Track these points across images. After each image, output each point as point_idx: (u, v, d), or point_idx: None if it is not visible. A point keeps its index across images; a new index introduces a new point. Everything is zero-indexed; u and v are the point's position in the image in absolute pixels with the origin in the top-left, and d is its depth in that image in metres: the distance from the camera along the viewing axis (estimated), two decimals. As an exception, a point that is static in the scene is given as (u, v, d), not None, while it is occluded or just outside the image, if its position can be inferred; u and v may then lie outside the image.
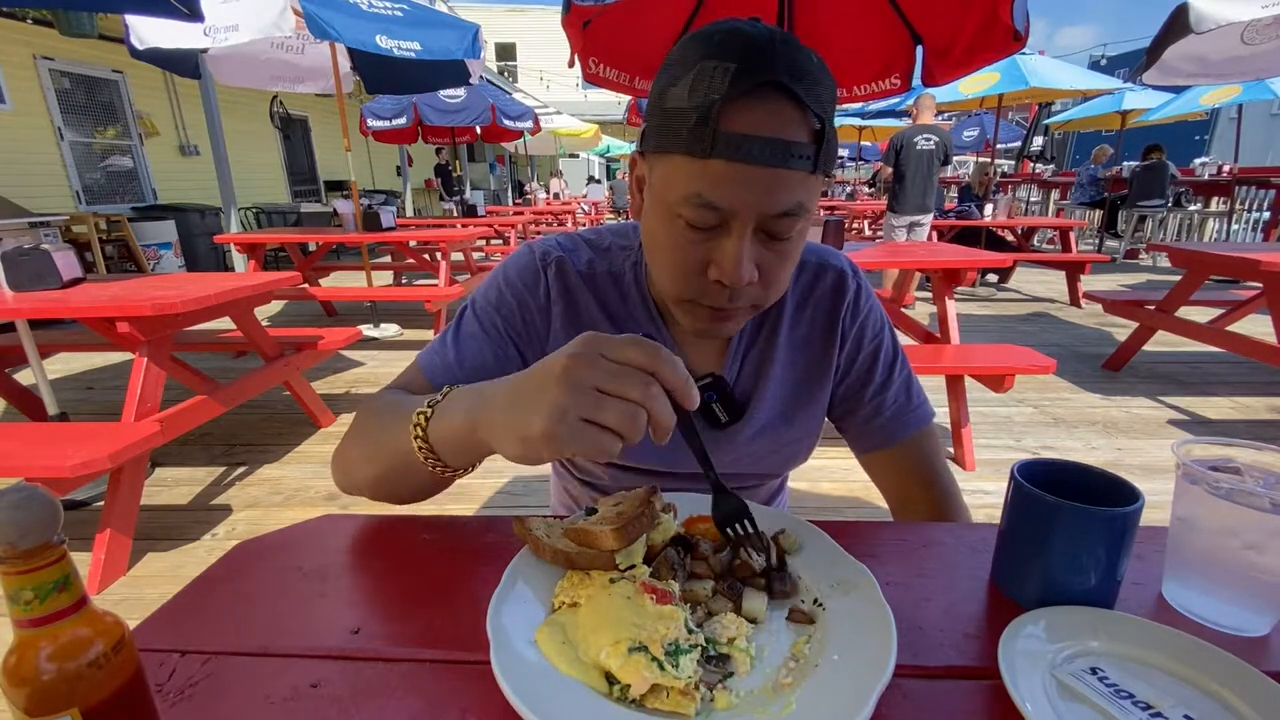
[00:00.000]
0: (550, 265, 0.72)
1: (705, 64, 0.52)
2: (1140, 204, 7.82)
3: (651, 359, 0.43)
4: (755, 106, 0.51)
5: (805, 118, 0.52)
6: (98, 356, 4.07)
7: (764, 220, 0.55)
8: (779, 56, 0.51)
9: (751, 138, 0.51)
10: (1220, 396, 3.28)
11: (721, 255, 0.56)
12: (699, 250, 0.57)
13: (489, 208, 9.31)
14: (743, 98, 0.51)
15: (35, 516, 0.31)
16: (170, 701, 0.45)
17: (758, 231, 0.56)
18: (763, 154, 0.51)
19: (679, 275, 0.59)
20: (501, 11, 20.83)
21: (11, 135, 5.69)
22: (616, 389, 0.42)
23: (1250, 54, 3.94)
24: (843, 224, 2.91)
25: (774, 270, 0.59)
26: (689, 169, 0.54)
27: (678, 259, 0.59)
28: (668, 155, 0.56)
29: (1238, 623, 0.52)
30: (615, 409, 0.42)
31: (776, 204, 0.54)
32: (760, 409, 0.75)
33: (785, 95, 0.51)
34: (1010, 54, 2.49)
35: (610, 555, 0.52)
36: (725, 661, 0.47)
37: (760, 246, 0.57)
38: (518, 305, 0.72)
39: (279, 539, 0.66)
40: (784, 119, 0.52)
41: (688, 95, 0.53)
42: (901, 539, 0.67)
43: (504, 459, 0.51)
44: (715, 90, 0.51)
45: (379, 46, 3.56)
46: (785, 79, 0.51)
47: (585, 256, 0.74)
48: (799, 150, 0.52)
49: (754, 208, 0.54)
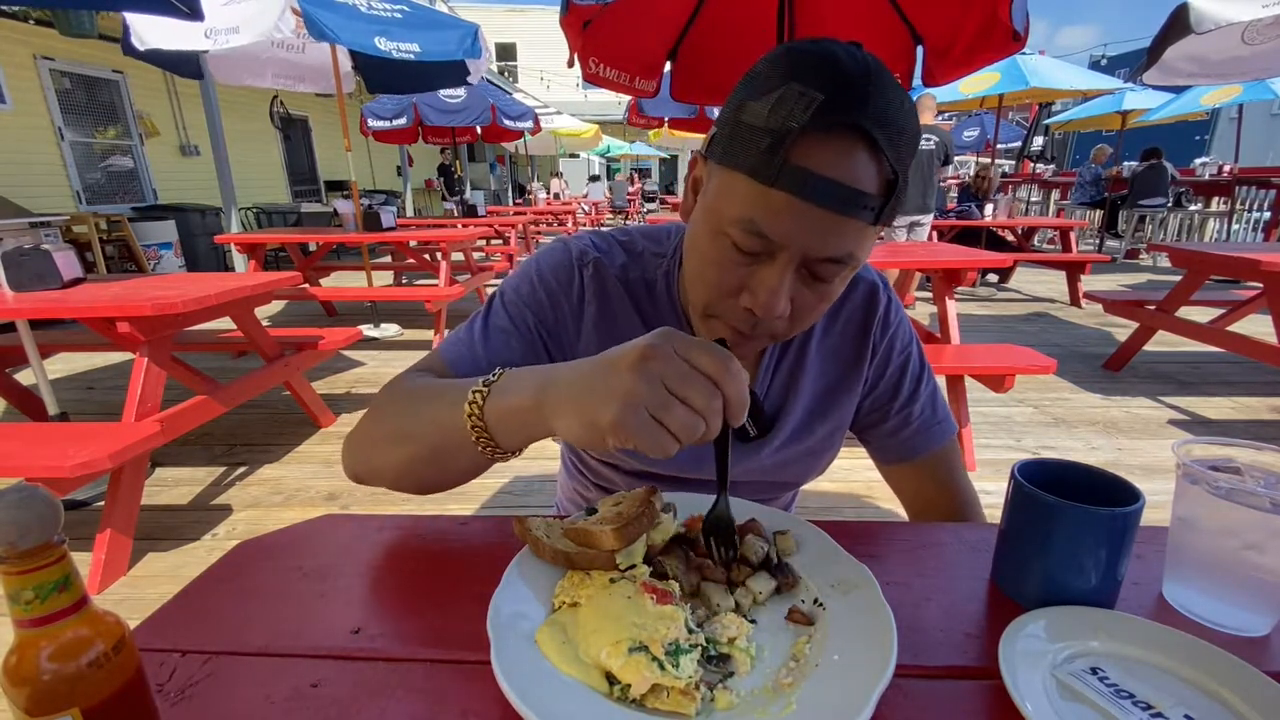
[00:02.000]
0: (588, 265, 0.71)
1: (792, 86, 0.49)
2: (1141, 204, 7.82)
3: (721, 371, 0.42)
4: (831, 145, 0.49)
5: (880, 167, 0.50)
6: (98, 356, 4.07)
7: (809, 261, 0.54)
8: (870, 98, 0.49)
9: (820, 177, 0.49)
10: (1220, 396, 3.28)
11: (758, 284, 0.55)
12: (738, 272, 0.56)
13: (489, 208, 9.31)
14: (820, 133, 0.48)
15: (35, 516, 0.31)
16: (171, 701, 0.45)
17: (800, 269, 0.54)
18: (827, 196, 0.49)
19: (711, 290, 0.58)
20: (501, 11, 20.84)
21: (12, 135, 5.70)
22: (684, 393, 0.42)
23: (1251, 54, 3.94)
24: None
25: (807, 309, 0.58)
26: (749, 191, 0.52)
27: (715, 275, 0.57)
28: (731, 170, 0.53)
29: (1238, 623, 0.52)
30: (681, 414, 0.42)
31: (827, 248, 0.52)
32: (789, 421, 0.75)
33: (865, 141, 0.49)
34: (1010, 54, 2.49)
35: (610, 555, 0.52)
36: (725, 661, 0.47)
37: (799, 283, 0.55)
38: (550, 303, 0.70)
39: (279, 539, 0.66)
40: (857, 165, 0.49)
41: (766, 115, 0.50)
42: (901, 539, 0.67)
43: (502, 461, 0.51)
44: (795, 119, 0.48)
45: (378, 48, 3.56)
46: (869, 124, 0.48)
47: (620, 260, 0.73)
48: (865, 201, 0.50)
49: (803, 247, 0.52)
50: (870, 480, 2.39)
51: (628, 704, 0.43)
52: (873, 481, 2.39)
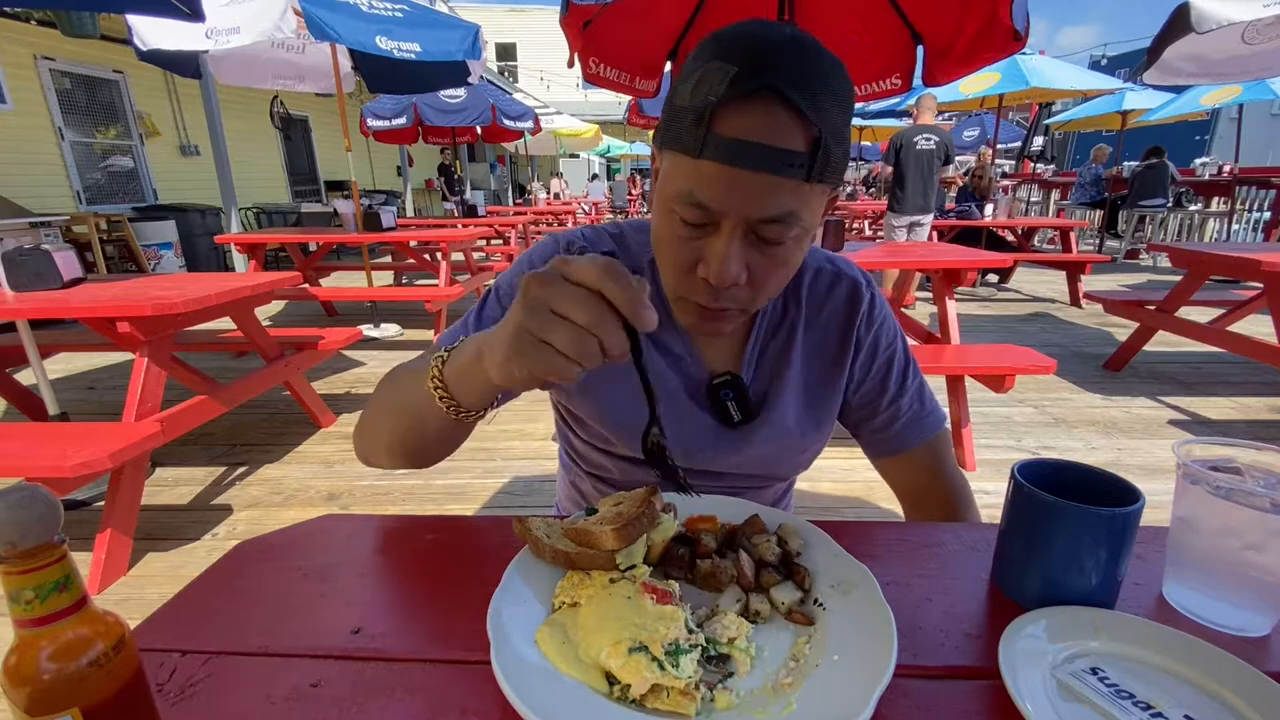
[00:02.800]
0: (574, 254, 0.73)
1: (711, 64, 0.53)
2: (1141, 204, 7.82)
3: (599, 278, 0.42)
4: (749, 111, 0.51)
5: (802, 126, 0.52)
6: (98, 356, 4.07)
7: (753, 224, 0.55)
8: (783, 62, 0.51)
9: (741, 142, 0.51)
10: (1221, 397, 3.28)
11: (709, 254, 0.57)
12: (691, 247, 0.58)
13: (489, 208, 9.30)
14: (738, 101, 0.51)
15: (36, 516, 0.31)
16: (171, 701, 0.45)
17: (748, 234, 0.56)
18: (751, 159, 0.52)
19: (672, 270, 0.62)
20: (501, 11, 20.84)
21: (12, 135, 5.70)
22: (565, 309, 0.42)
23: (1251, 53, 3.94)
24: (843, 224, 2.91)
25: (764, 275, 0.59)
26: (685, 167, 0.55)
27: (672, 253, 0.60)
28: (671, 152, 0.57)
29: (1238, 623, 0.52)
30: (563, 331, 0.42)
31: (764, 209, 0.54)
32: (774, 410, 0.76)
33: (782, 102, 0.51)
34: (1010, 54, 2.49)
35: (611, 555, 0.52)
36: (725, 661, 0.47)
37: (751, 249, 0.57)
38: None
39: (279, 539, 0.66)
40: (777, 126, 0.51)
41: (690, 94, 0.54)
42: (901, 539, 0.67)
43: (504, 459, 0.51)
44: (714, 92, 0.51)
45: (379, 48, 3.56)
46: (783, 86, 0.51)
47: (607, 248, 0.75)
48: (791, 159, 0.52)
49: (741, 211, 0.54)
50: (870, 481, 2.39)
51: (628, 704, 0.43)
52: (873, 482, 2.39)
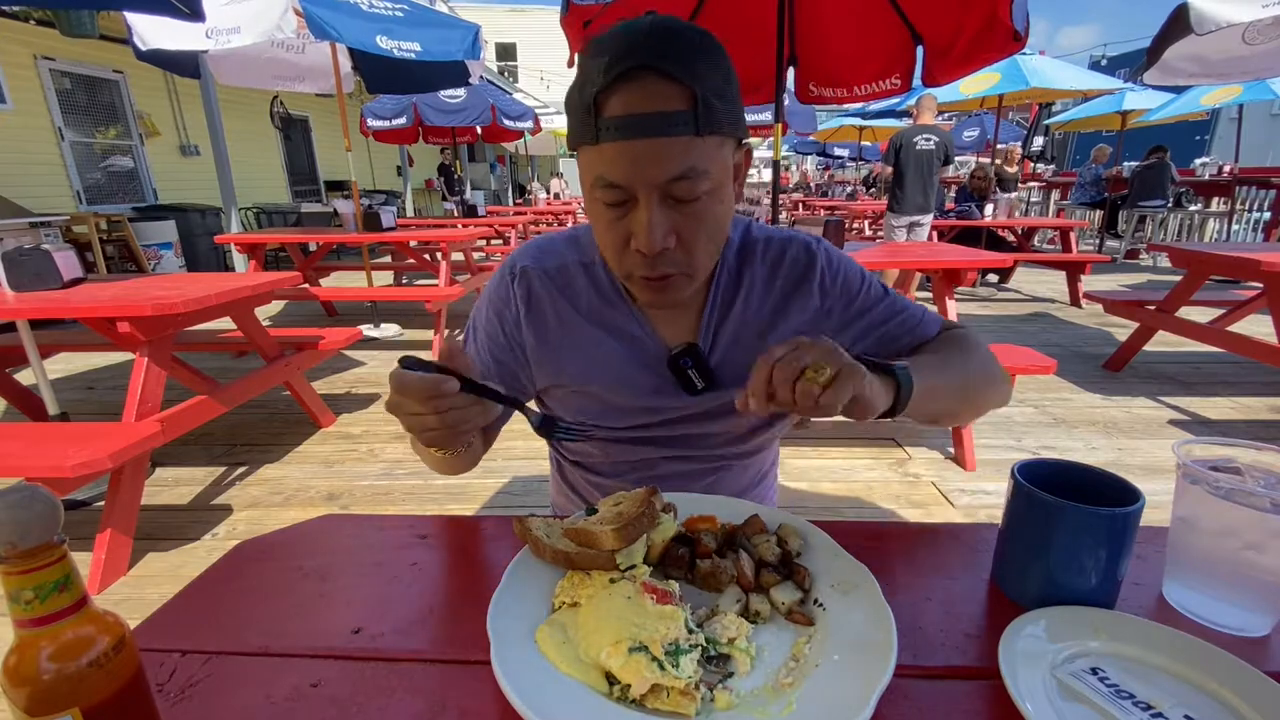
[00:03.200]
0: (516, 277, 0.78)
1: (590, 62, 0.59)
2: (1141, 204, 7.82)
3: (393, 400, 0.57)
4: (628, 89, 0.57)
5: (678, 89, 0.57)
6: (98, 356, 4.07)
7: (664, 187, 0.60)
8: (645, 41, 0.58)
9: (627, 117, 0.57)
10: (1221, 397, 3.28)
11: (635, 227, 0.62)
12: (619, 227, 0.63)
13: (489, 208, 9.30)
14: (616, 83, 0.57)
15: (36, 516, 0.31)
16: (171, 701, 0.45)
17: (664, 199, 0.61)
18: (639, 128, 0.57)
19: (610, 252, 0.67)
20: (501, 11, 20.82)
21: (12, 135, 5.70)
22: (404, 425, 0.57)
23: (1251, 54, 3.94)
24: (843, 224, 2.91)
25: (691, 233, 0.63)
26: (590, 156, 0.61)
27: (606, 238, 0.66)
28: (579, 148, 0.63)
29: (1238, 623, 0.52)
30: (416, 434, 0.58)
31: (667, 171, 0.59)
32: (739, 373, 0.78)
33: (654, 73, 0.57)
34: (1010, 54, 2.49)
35: (610, 555, 0.52)
36: (725, 661, 0.47)
37: (671, 212, 0.62)
38: (499, 323, 0.79)
39: (279, 539, 0.66)
40: (655, 94, 0.57)
41: (578, 93, 0.60)
42: (901, 539, 0.67)
43: (504, 459, 0.52)
44: (594, 83, 0.58)
45: (379, 47, 3.56)
46: (649, 58, 0.57)
47: (559, 254, 0.80)
48: (675, 118, 0.57)
49: (647, 178, 0.59)
50: (870, 480, 2.40)
51: (628, 704, 0.43)
52: (873, 482, 2.39)
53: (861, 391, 0.55)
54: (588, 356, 0.77)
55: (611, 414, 0.79)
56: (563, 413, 0.82)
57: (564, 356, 0.78)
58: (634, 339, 0.78)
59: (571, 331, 0.78)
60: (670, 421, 0.80)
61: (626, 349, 0.78)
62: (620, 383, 0.78)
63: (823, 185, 16.15)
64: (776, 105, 3.16)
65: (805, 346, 0.54)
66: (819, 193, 14.79)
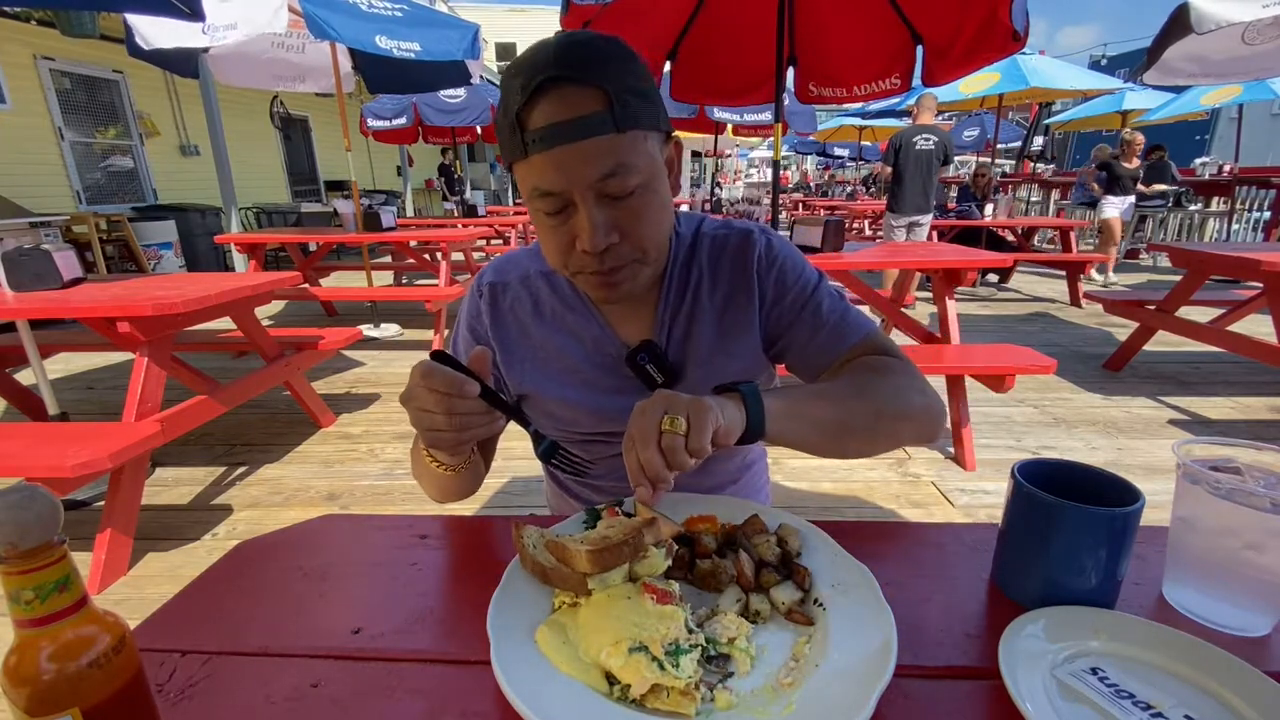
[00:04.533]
0: (483, 292, 0.83)
1: (510, 82, 0.62)
2: (1141, 204, 7.81)
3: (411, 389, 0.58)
4: (546, 101, 0.60)
5: (593, 92, 0.60)
6: (98, 356, 4.07)
7: (596, 186, 0.62)
8: (554, 56, 0.60)
9: (549, 126, 0.60)
10: (1221, 396, 3.28)
11: (577, 229, 0.64)
12: (563, 231, 0.65)
13: (489, 207, 9.30)
14: (534, 98, 0.60)
15: (36, 516, 0.31)
16: (171, 701, 0.45)
17: (600, 198, 0.63)
18: (562, 135, 0.60)
19: (557, 256, 0.68)
20: (501, 11, 20.81)
21: (12, 135, 5.69)
22: (411, 419, 0.59)
23: (1251, 53, 3.94)
24: (843, 224, 2.91)
25: (633, 226, 0.65)
26: (523, 170, 0.64)
27: (552, 244, 0.67)
28: (512, 164, 0.66)
29: (1238, 623, 0.52)
30: (422, 430, 0.60)
31: (595, 170, 0.61)
32: (696, 366, 0.80)
33: (567, 82, 0.59)
34: (1010, 54, 2.49)
35: (582, 578, 0.51)
36: (726, 661, 0.47)
37: (609, 209, 0.64)
38: (473, 338, 0.84)
39: (279, 539, 0.66)
40: (569, 101, 0.59)
41: (502, 114, 0.63)
42: (901, 539, 0.67)
43: (504, 459, 0.52)
44: (514, 102, 0.61)
45: (378, 47, 3.56)
46: (558, 70, 0.59)
47: (522, 266, 0.84)
48: (593, 120, 0.59)
49: (580, 181, 0.61)
50: (870, 481, 2.40)
51: (628, 704, 0.43)
52: (872, 482, 2.39)
53: (718, 424, 0.55)
54: (551, 362, 0.81)
55: (582, 417, 0.81)
56: (539, 420, 0.83)
57: (529, 364, 0.81)
58: (594, 340, 0.80)
59: (534, 339, 0.81)
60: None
61: (587, 351, 0.80)
62: (584, 385, 0.80)
63: (822, 185, 16.15)
64: (776, 105, 3.16)
65: (638, 411, 0.57)
66: (819, 192, 14.81)
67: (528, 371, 0.82)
